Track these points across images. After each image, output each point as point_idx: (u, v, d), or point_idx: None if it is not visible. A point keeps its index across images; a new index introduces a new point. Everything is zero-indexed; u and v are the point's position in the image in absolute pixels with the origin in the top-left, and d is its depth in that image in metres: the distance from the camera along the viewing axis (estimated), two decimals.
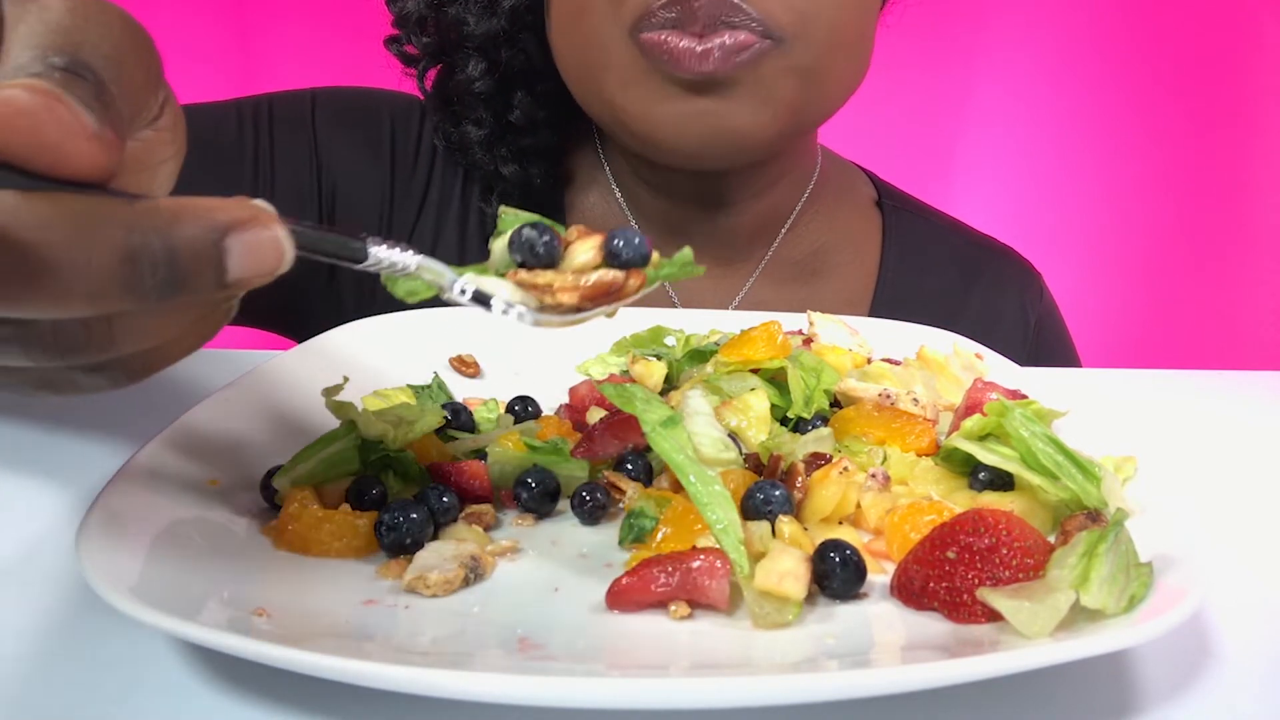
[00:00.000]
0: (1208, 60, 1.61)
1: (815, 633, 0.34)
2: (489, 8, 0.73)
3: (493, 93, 0.75)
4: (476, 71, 0.74)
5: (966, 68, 1.65)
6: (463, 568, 0.36)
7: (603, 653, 0.33)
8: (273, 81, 1.64)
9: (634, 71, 0.65)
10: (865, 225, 0.84)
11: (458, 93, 0.76)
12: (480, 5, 0.73)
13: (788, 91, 0.66)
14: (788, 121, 0.68)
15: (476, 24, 0.73)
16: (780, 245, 0.80)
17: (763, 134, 0.67)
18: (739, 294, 0.80)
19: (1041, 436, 0.40)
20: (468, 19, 0.73)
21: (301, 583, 0.36)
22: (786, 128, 0.68)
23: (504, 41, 0.74)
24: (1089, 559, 0.32)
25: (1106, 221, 1.68)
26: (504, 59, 0.74)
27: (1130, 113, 1.64)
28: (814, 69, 0.66)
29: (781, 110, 0.66)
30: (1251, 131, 1.63)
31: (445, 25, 0.75)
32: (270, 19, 1.64)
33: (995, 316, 0.83)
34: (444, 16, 0.74)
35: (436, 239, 0.80)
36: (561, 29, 0.69)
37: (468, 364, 0.59)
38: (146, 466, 0.39)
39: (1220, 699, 0.32)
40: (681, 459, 0.38)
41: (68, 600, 0.36)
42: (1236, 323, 1.67)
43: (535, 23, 0.74)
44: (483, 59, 0.74)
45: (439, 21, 0.75)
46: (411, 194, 0.80)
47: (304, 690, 0.31)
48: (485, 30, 0.73)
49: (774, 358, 0.50)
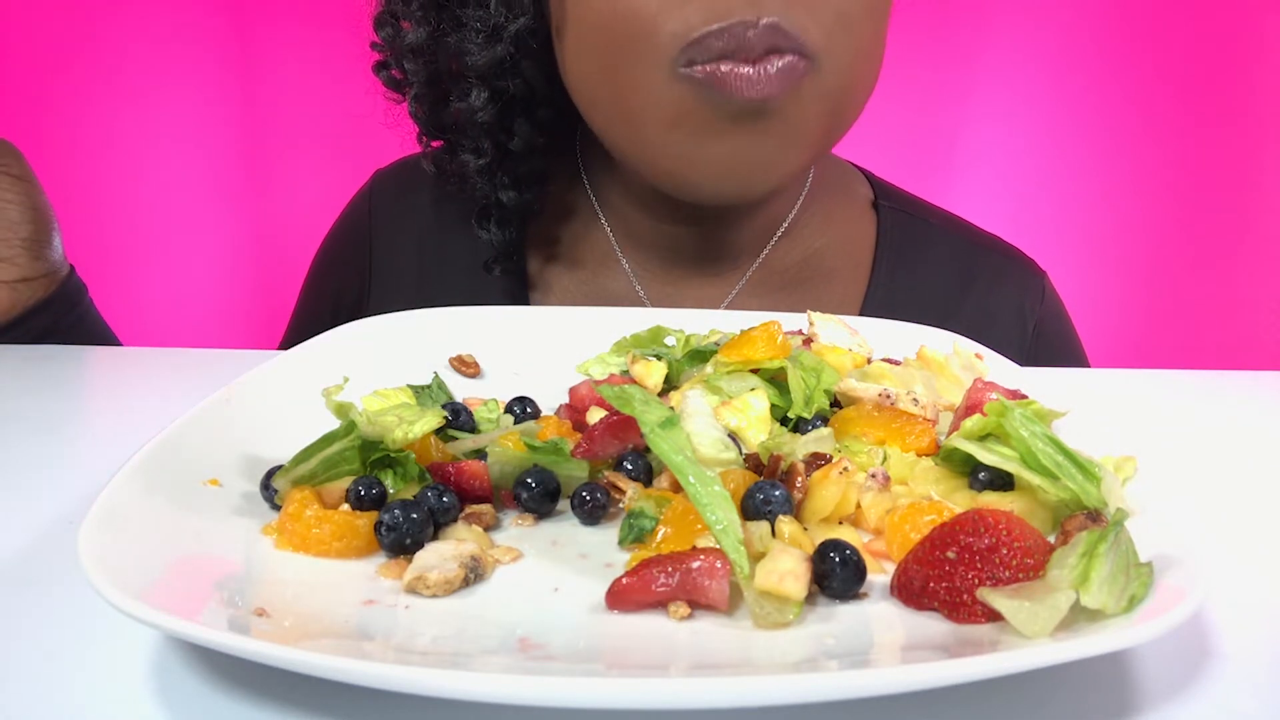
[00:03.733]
0: (1211, 58, 1.61)
1: (815, 633, 0.34)
2: (493, 35, 0.70)
3: (494, 121, 0.74)
4: (479, 101, 0.72)
5: (969, 64, 1.65)
6: (463, 568, 0.36)
7: (603, 653, 0.33)
8: (272, 81, 1.65)
9: (680, 109, 0.63)
10: (860, 227, 0.84)
11: (456, 121, 0.75)
12: (483, 33, 0.70)
13: (818, 119, 0.66)
14: (817, 151, 0.69)
15: (479, 53, 0.70)
16: (772, 252, 0.80)
17: (794, 168, 0.68)
18: (725, 300, 0.80)
19: (1041, 436, 0.40)
20: (470, 48, 0.71)
21: (301, 583, 0.36)
22: (815, 157, 0.69)
23: (508, 69, 0.72)
24: (1089, 559, 0.32)
25: (1107, 220, 1.68)
26: (507, 87, 0.72)
27: (1133, 110, 1.63)
28: (841, 90, 0.66)
29: (812, 140, 0.67)
30: (1255, 130, 1.63)
31: (445, 54, 0.72)
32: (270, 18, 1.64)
33: (990, 318, 0.82)
34: (444, 45, 0.72)
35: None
36: (589, 70, 0.67)
37: (468, 364, 0.59)
38: (146, 466, 0.39)
39: (1220, 699, 0.32)
40: (680, 460, 0.38)
41: (68, 600, 0.36)
42: (1237, 323, 1.67)
43: (538, 49, 0.71)
44: (485, 88, 0.72)
45: (437, 50, 0.73)
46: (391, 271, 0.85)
47: (304, 690, 0.31)
48: (489, 59, 0.70)
49: (774, 358, 0.50)
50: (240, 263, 1.73)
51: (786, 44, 0.61)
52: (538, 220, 0.82)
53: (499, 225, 0.78)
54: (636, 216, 0.79)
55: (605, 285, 0.81)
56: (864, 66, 0.67)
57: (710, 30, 0.60)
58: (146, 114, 1.61)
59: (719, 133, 0.63)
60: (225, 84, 1.66)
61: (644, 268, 0.80)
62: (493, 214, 0.78)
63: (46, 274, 0.78)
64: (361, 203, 0.87)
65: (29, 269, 0.77)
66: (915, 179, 0.95)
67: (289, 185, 1.70)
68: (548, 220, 0.82)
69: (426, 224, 0.84)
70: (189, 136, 1.65)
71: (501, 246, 0.78)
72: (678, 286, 0.80)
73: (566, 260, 0.82)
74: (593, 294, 0.81)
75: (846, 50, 0.64)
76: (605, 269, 0.81)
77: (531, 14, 0.70)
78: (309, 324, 0.84)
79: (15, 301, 0.76)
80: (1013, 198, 1.68)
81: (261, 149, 1.70)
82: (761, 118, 0.63)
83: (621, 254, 0.80)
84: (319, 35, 1.60)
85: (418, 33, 0.72)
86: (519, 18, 0.70)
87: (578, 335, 0.61)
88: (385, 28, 0.75)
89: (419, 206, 0.85)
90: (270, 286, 1.70)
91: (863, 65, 0.67)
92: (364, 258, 0.85)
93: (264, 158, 1.70)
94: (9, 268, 0.76)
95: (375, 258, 0.84)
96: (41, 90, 1.55)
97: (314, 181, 1.63)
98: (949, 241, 0.85)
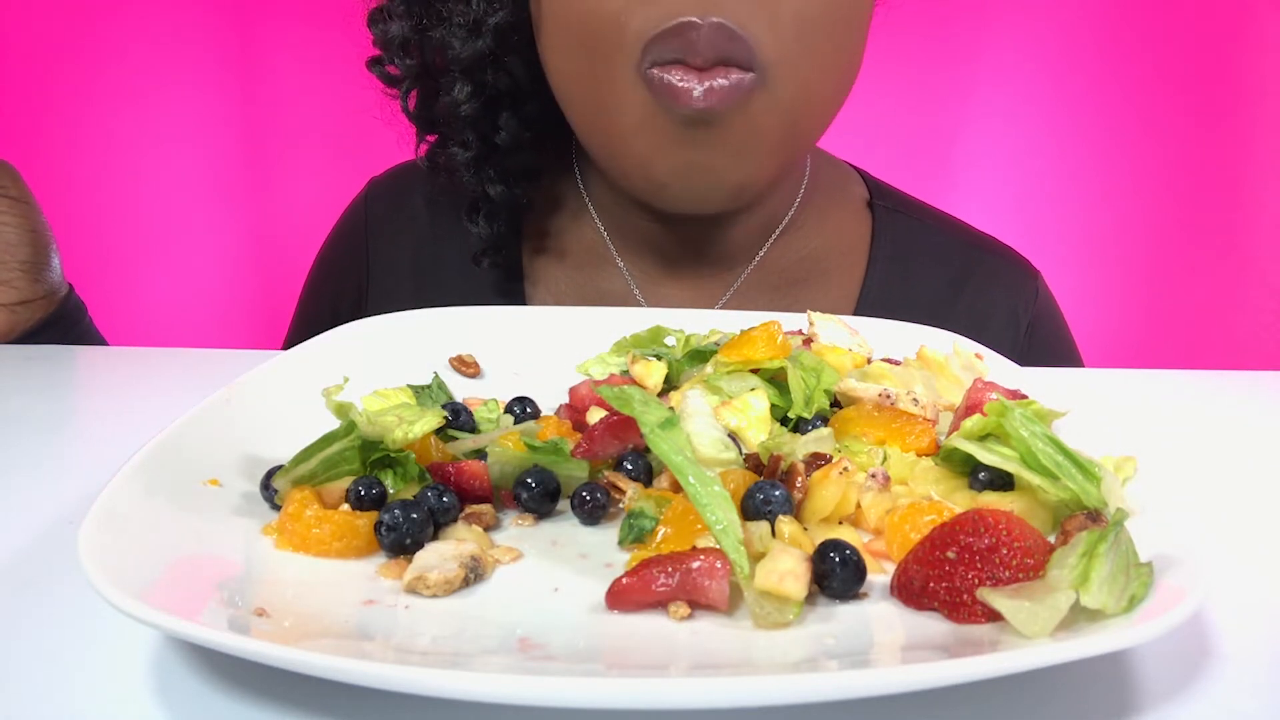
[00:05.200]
0: (1211, 57, 1.61)
1: (815, 633, 0.33)
2: (474, 30, 0.72)
3: (479, 115, 0.75)
4: (462, 95, 0.74)
5: (968, 64, 1.65)
6: (463, 568, 0.36)
7: (603, 653, 0.33)
8: (272, 80, 1.65)
9: (644, 113, 0.64)
10: (855, 228, 0.84)
11: (443, 115, 0.76)
12: (465, 28, 0.72)
13: (771, 132, 0.66)
14: (777, 163, 0.69)
15: (462, 47, 0.72)
16: (767, 253, 0.80)
17: (750, 179, 0.68)
18: (721, 300, 0.80)
19: (1041, 436, 0.40)
20: (453, 42, 0.72)
21: (301, 583, 0.36)
22: (779, 165, 0.70)
23: (489, 63, 0.73)
24: (1089, 559, 0.32)
25: (1107, 220, 1.68)
26: (490, 81, 0.74)
27: (1133, 110, 1.63)
28: (797, 103, 0.66)
29: (766, 153, 0.67)
30: (1254, 129, 1.63)
31: (430, 48, 0.74)
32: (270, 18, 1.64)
33: (983, 318, 0.82)
34: (428, 40, 0.73)
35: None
36: (566, 67, 0.68)
37: (468, 364, 0.59)
38: (146, 466, 0.39)
39: (1220, 699, 0.32)
40: (680, 460, 0.38)
41: (68, 600, 0.36)
42: (1237, 323, 1.67)
43: (521, 43, 0.73)
44: (468, 81, 0.74)
45: (423, 44, 0.74)
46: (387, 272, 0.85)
47: (304, 690, 0.31)
48: (471, 53, 0.72)
49: (774, 358, 0.50)
50: (241, 263, 1.73)
51: (736, 50, 0.61)
52: (532, 215, 0.82)
53: (487, 219, 0.78)
54: (628, 215, 0.79)
55: (600, 282, 0.81)
56: (824, 80, 0.67)
57: (665, 29, 0.61)
58: (147, 114, 1.61)
59: (675, 141, 0.64)
60: (225, 84, 1.66)
61: (638, 267, 0.80)
62: (481, 208, 0.79)
63: (45, 296, 0.78)
64: (357, 210, 0.88)
65: (27, 291, 0.77)
66: (915, 179, 0.95)
67: (289, 185, 1.70)
68: (542, 215, 0.83)
69: (422, 228, 0.85)
70: (189, 137, 1.65)
71: (490, 240, 0.79)
72: (673, 286, 0.80)
73: (561, 256, 0.82)
74: (587, 291, 0.81)
75: (804, 64, 0.64)
76: (600, 267, 0.81)
77: (510, 8, 0.71)
78: (308, 332, 0.84)
79: (14, 324, 0.76)
80: (1013, 198, 1.68)
81: (261, 149, 1.70)
82: (708, 127, 0.64)
83: (616, 252, 0.81)
84: (319, 35, 1.59)
85: (403, 27, 0.74)
86: (498, 11, 0.71)
87: (578, 335, 0.61)
88: (377, 24, 0.76)
89: (414, 211, 0.85)
90: (271, 287, 1.69)
91: (823, 79, 0.67)
92: (361, 264, 0.85)
93: (264, 158, 1.70)
94: (7, 290, 0.76)
95: (373, 263, 0.85)
96: (41, 91, 1.55)
97: (314, 182, 1.63)
98: (943, 241, 0.85)
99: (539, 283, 0.82)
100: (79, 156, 1.57)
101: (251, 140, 1.69)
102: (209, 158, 1.68)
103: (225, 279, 1.73)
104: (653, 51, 0.62)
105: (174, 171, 1.65)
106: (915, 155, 1.64)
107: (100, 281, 0.89)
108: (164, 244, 1.67)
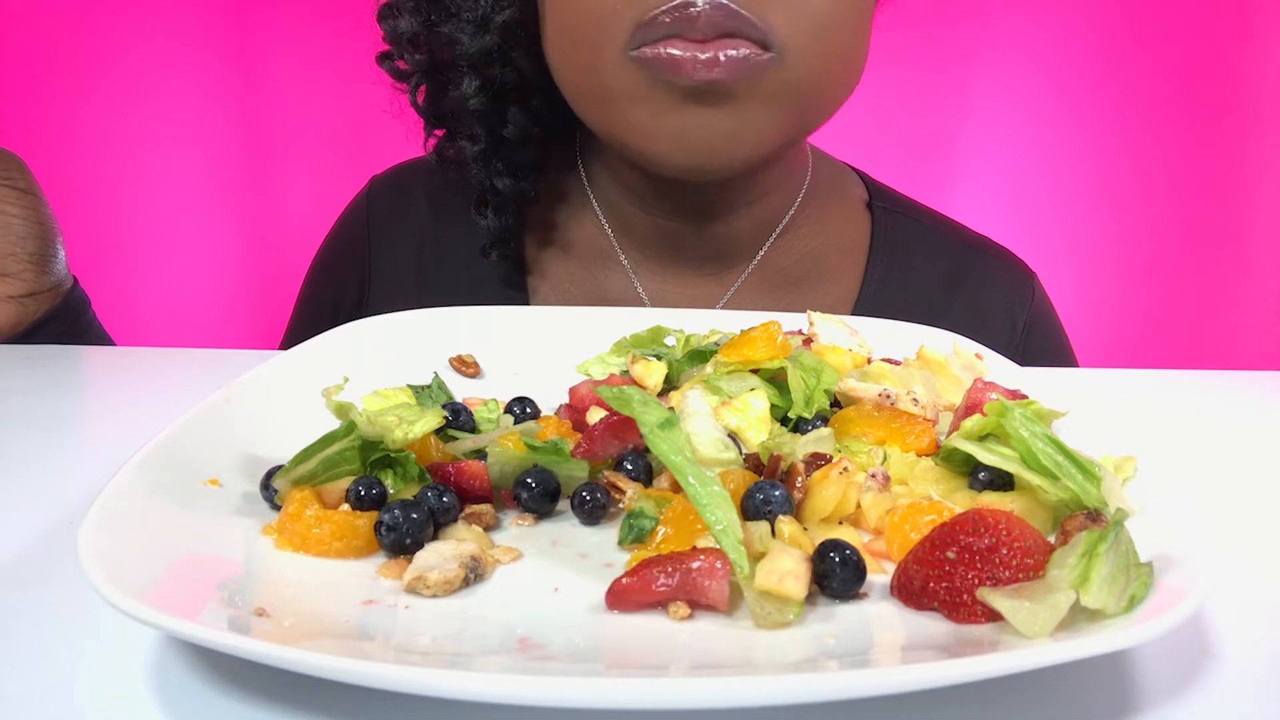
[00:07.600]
0: (1211, 57, 1.61)
1: (815, 633, 0.34)
2: (481, 25, 0.73)
3: (486, 109, 0.76)
4: (470, 89, 0.75)
5: (968, 64, 1.65)
6: (463, 568, 0.36)
7: (603, 653, 0.33)
8: (272, 81, 1.65)
9: (636, 90, 0.64)
10: (854, 229, 0.84)
11: (452, 109, 0.77)
12: (473, 23, 0.73)
13: (785, 104, 0.66)
14: (786, 132, 0.69)
15: (470, 42, 0.73)
16: (768, 252, 0.80)
17: (763, 144, 0.67)
18: (720, 301, 0.80)
19: (1041, 436, 0.40)
20: (461, 37, 0.73)
21: (301, 583, 0.36)
22: (785, 137, 0.69)
23: (497, 58, 0.74)
24: (1089, 559, 0.32)
25: (1107, 220, 1.68)
26: (497, 76, 0.75)
27: (1133, 110, 1.63)
28: (811, 82, 0.66)
29: (780, 121, 0.67)
30: (1253, 129, 1.63)
31: (438, 43, 0.75)
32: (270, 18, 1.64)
33: (979, 318, 0.82)
34: (436, 35, 0.74)
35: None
36: (560, 54, 0.69)
37: (468, 364, 0.59)
38: (146, 466, 0.39)
39: (1220, 699, 0.32)
40: (680, 460, 0.38)
41: (68, 600, 0.36)
42: (1237, 323, 1.67)
43: (527, 38, 0.74)
44: (476, 76, 0.75)
45: (431, 39, 0.75)
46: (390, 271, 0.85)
47: (304, 690, 0.31)
48: (479, 48, 0.73)
49: (774, 358, 0.50)
50: (240, 263, 1.73)
51: (739, 27, 0.61)
52: (535, 208, 0.83)
53: (495, 212, 0.79)
54: (631, 211, 0.79)
55: (603, 279, 0.81)
56: (838, 64, 0.67)
57: (656, 13, 0.61)
58: (146, 114, 1.61)
59: (675, 109, 0.64)
60: (225, 84, 1.66)
61: (641, 264, 0.81)
62: (489, 201, 0.79)
63: (52, 288, 0.78)
64: (360, 207, 0.88)
65: (35, 283, 0.77)
66: (915, 179, 0.95)
67: (289, 185, 1.70)
68: (546, 211, 0.83)
69: (424, 225, 0.85)
70: (188, 136, 1.65)
71: (498, 233, 0.80)
72: (675, 283, 0.80)
73: (565, 251, 0.83)
74: (590, 286, 0.81)
75: (817, 47, 0.64)
76: (603, 263, 0.82)
77: (517, 5, 0.73)
78: (307, 330, 0.84)
79: (22, 316, 0.77)
80: (1012, 198, 1.68)
81: (261, 149, 1.70)
82: (713, 98, 0.63)
83: (619, 248, 0.81)
84: (319, 36, 1.60)
85: (412, 22, 0.75)
86: (505, 8, 0.73)
87: (578, 335, 0.61)
88: (387, 20, 0.77)
89: (416, 210, 0.86)
90: (270, 286, 1.70)
91: (837, 63, 0.67)
92: (364, 261, 0.85)
93: (264, 158, 1.70)
94: (15, 283, 0.76)
95: (374, 262, 0.85)
96: (41, 90, 1.55)
97: (314, 182, 1.63)
98: (940, 242, 0.86)
99: (543, 278, 0.82)
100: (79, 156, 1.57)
101: (250, 140, 1.69)
102: (208, 158, 1.68)
103: (224, 279, 1.73)
104: (640, 34, 0.62)
105: (173, 171, 1.65)
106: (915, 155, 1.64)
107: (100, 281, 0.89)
108: (163, 244, 1.67)
